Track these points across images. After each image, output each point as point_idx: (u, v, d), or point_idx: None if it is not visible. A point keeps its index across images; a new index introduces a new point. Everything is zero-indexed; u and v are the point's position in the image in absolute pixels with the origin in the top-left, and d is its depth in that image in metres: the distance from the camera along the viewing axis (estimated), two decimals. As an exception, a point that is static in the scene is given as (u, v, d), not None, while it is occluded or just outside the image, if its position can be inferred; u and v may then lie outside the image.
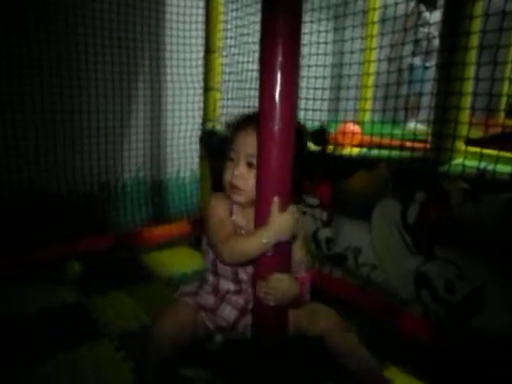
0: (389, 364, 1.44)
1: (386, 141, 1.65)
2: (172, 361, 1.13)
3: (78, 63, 2.31)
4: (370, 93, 2.39)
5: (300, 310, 1.14)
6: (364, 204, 1.66)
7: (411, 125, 2.02)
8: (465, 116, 1.44)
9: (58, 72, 2.24)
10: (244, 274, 1.16)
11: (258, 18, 0.97)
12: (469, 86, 1.42)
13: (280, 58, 0.92)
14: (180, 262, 2.33)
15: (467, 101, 1.42)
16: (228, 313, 1.17)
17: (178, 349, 1.13)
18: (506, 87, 2.53)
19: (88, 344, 1.54)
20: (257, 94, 0.98)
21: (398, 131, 1.66)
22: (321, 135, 1.27)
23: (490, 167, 1.31)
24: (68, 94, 2.30)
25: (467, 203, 1.32)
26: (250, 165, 1.11)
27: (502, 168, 1.30)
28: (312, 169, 1.37)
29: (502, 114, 1.85)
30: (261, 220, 1.00)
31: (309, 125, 1.97)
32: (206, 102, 2.62)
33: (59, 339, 1.56)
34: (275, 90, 0.94)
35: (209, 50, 2.57)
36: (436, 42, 2.00)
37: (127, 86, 2.56)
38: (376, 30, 2.50)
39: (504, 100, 2.66)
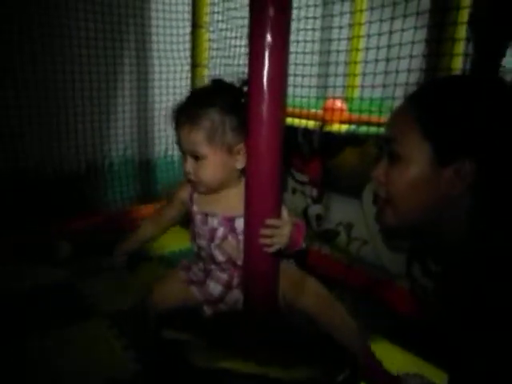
0: (378, 337, 1.48)
1: (374, 118, 1.65)
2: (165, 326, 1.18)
3: (61, 39, 2.25)
4: (358, 69, 2.37)
5: (287, 282, 1.15)
6: (354, 181, 1.66)
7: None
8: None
9: (41, 48, 2.18)
10: (220, 256, 1.19)
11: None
12: (458, 62, 1.41)
13: (269, 33, 0.91)
14: (169, 240, 2.33)
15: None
16: (213, 287, 1.21)
17: (171, 315, 1.19)
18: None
19: (80, 323, 1.55)
20: (245, 70, 0.96)
21: (386, 107, 1.66)
22: None
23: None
24: (52, 70, 2.24)
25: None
26: (196, 157, 1.10)
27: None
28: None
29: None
30: (252, 200, 1.00)
31: (297, 101, 1.97)
32: (193, 78, 2.58)
33: (51, 318, 1.56)
34: (264, 67, 0.93)
35: (196, 25, 2.51)
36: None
37: (113, 62, 2.50)
38: (365, 4, 2.48)
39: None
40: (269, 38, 0.91)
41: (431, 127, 0.71)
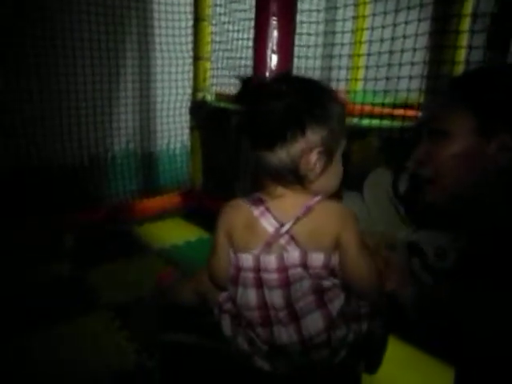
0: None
1: (377, 110, 1.64)
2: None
3: (63, 32, 2.24)
4: (361, 61, 2.36)
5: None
6: (356, 173, 1.66)
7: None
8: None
9: (43, 41, 2.18)
10: None
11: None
12: (461, 55, 1.41)
13: (275, 23, 0.90)
14: (171, 233, 2.34)
15: (460, 70, 1.42)
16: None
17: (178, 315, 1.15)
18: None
19: (83, 315, 1.56)
20: (248, 63, 0.96)
21: (389, 100, 1.66)
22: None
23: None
24: (54, 64, 2.24)
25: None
26: None
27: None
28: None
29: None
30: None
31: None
32: (195, 71, 2.58)
33: (55, 310, 1.57)
34: (269, 58, 0.92)
35: (198, 18, 2.51)
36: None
37: (115, 56, 2.51)
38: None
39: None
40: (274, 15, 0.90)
41: (478, 104, 0.77)
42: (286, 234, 0.81)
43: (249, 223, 0.84)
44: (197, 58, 2.55)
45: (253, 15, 2.19)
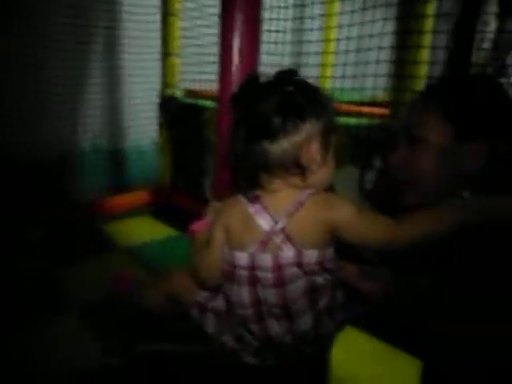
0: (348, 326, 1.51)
1: (344, 107, 1.66)
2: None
3: (29, 20, 2.17)
4: (330, 59, 2.38)
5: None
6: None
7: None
8: (421, 84, 1.46)
9: (8, 30, 2.10)
10: None
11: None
12: (425, 55, 1.44)
13: (240, 21, 0.90)
14: (140, 231, 2.31)
15: (423, 69, 1.45)
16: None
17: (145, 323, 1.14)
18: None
19: (48, 313, 1.53)
20: (217, 59, 0.96)
21: (356, 97, 1.68)
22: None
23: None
24: (23, 55, 2.18)
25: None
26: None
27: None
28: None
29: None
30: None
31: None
32: (164, 67, 2.55)
33: (20, 308, 1.54)
34: (234, 54, 0.92)
35: (167, 13, 2.47)
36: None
37: (82, 49, 2.45)
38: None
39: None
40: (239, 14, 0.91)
41: (454, 112, 0.83)
42: (280, 232, 0.81)
43: (245, 220, 0.84)
44: (166, 54, 2.52)
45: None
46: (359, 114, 1.61)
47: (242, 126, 0.81)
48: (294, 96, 0.80)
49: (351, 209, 0.83)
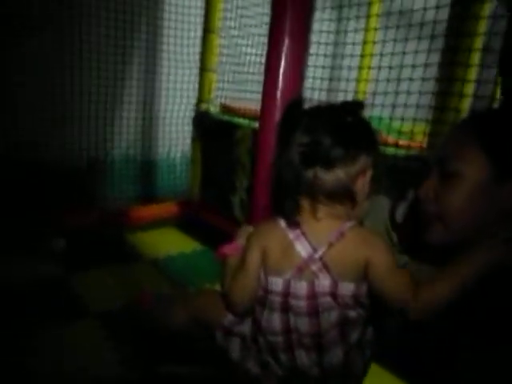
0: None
1: (382, 137, 1.64)
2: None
3: (72, 35, 2.24)
4: (366, 87, 2.38)
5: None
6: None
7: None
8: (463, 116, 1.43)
9: (52, 43, 2.17)
10: None
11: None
12: (470, 87, 1.41)
13: (287, 45, 0.90)
14: (166, 243, 2.32)
15: (467, 102, 1.42)
16: None
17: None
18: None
19: (69, 321, 1.52)
20: (254, 78, 0.96)
21: (394, 128, 1.66)
22: None
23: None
24: (60, 65, 2.24)
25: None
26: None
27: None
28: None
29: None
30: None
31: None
32: (201, 82, 2.58)
33: (39, 315, 1.53)
34: (279, 73, 0.92)
35: (207, 30, 2.51)
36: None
37: (122, 61, 2.51)
38: (377, 23, 2.48)
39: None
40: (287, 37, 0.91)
41: (493, 148, 0.77)
42: (318, 260, 0.81)
43: (283, 245, 0.84)
44: (203, 69, 2.56)
45: (262, 31, 2.23)
46: (396, 145, 1.59)
47: (295, 151, 0.80)
48: (354, 127, 0.80)
49: (387, 253, 0.82)
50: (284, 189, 0.82)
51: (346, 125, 0.80)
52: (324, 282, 0.81)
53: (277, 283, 0.83)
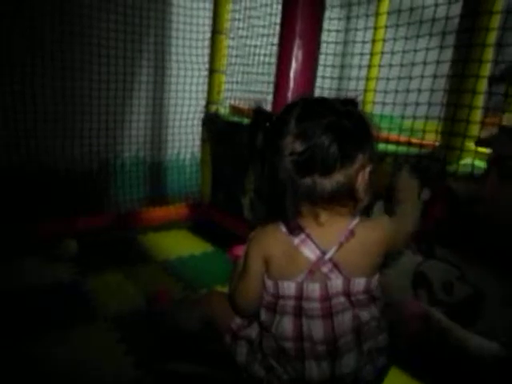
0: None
1: (393, 136, 1.62)
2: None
3: (81, 37, 2.25)
4: (375, 85, 2.35)
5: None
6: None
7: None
8: (477, 115, 1.41)
9: (60, 45, 2.18)
10: None
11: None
12: (482, 85, 1.39)
13: (298, 44, 0.90)
14: (177, 245, 2.32)
15: (480, 100, 1.40)
16: None
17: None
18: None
19: (82, 324, 1.53)
20: (264, 78, 0.95)
21: (406, 126, 1.64)
22: None
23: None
24: (70, 68, 2.25)
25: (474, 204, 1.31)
26: None
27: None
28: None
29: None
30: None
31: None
32: (210, 84, 2.58)
33: (53, 318, 1.54)
34: (290, 77, 0.92)
35: (216, 31, 2.51)
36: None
37: (130, 64, 2.51)
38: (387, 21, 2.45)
39: None
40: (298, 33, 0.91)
41: None
42: (328, 261, 0.80)
43: (288, 252, 0.82)
44: (212, 71, 2.55)
45: (271, 31, 2.22)
46: (409, 143, 1.57)
47: (288, 160, 0.77)
48: (349, 129, 0.77)
49: (390, 221, 0.90)
50: (281, 196, 0.79)
51: (340, 128, 0.76)
52: (336, 282, 0.80)
53: (289, 287, 0.82)
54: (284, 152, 0.77)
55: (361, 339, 0.83)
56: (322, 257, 0.80)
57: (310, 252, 0.81)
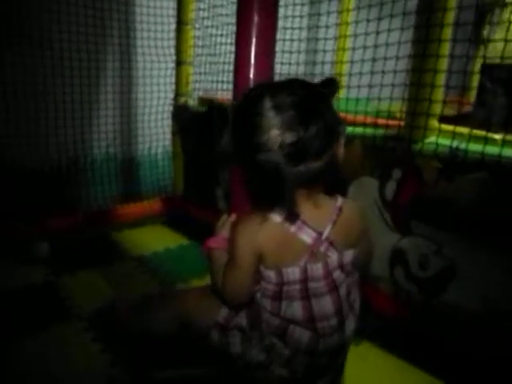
0: (361, 339, 1.47)
1: (360, 118, 1.63)
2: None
3: (41, 31, 2.18)
4: (344, 69, 2.36)
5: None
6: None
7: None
8: (439, 94, 1.43)
9: (19, 40, 2.11)
10: None
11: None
12: (444, 64, 1.40)
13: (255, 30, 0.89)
14: (152, 240, 2.30)
15: (442, 78, 1.41)
16: None
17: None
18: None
19: (56, 325, 1.51)
20: (231, 68, 0.95)
21: (371, 108, 1.65)
22: None
23: (463, 145, 1.31)
24: (32, 65, 2.18)
25: (441, 182, 1.33)
26: None
27: (474, 147, 1.30)
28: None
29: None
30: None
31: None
32: (178, 76, 2.55)
33: (26, 320, 1.52)
34: (249, 63, 0.91)
35: (181, 22, 2.48)
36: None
37: (95, 58, 2.45)
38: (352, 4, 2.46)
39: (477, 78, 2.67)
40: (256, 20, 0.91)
41: None
42: (325, 240, 0.84)
43: (284, 241, 0.83)
44: (179, 62, 2.52)
45: (235, 19, 2.20)
46: (375, 125, 1.58)
47: (278, 153, 0.75)
48: (331, 110, 0.79)
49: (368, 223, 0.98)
50: (273, 187, 0.78)
51: (324, 111, 0.76)
52: (333, 258, 0.85)
53: (294, 272, 0.84)
54: (269, 146, 0.75)
55: (351, 303, 0.91)
56: (319, 238, 0.84)
57: (306, 236, 0.83)
